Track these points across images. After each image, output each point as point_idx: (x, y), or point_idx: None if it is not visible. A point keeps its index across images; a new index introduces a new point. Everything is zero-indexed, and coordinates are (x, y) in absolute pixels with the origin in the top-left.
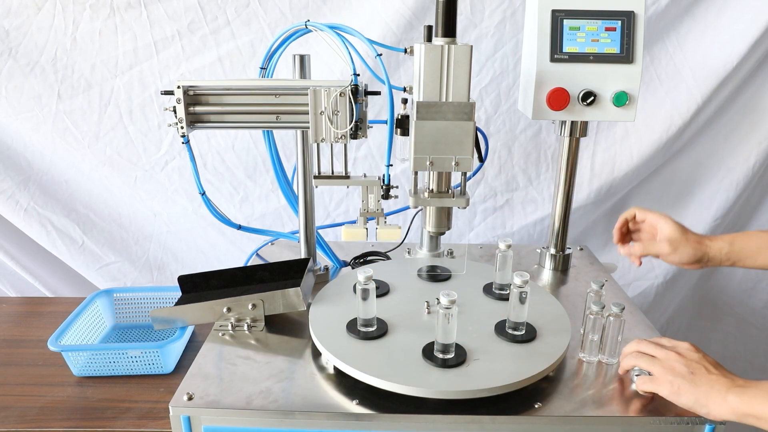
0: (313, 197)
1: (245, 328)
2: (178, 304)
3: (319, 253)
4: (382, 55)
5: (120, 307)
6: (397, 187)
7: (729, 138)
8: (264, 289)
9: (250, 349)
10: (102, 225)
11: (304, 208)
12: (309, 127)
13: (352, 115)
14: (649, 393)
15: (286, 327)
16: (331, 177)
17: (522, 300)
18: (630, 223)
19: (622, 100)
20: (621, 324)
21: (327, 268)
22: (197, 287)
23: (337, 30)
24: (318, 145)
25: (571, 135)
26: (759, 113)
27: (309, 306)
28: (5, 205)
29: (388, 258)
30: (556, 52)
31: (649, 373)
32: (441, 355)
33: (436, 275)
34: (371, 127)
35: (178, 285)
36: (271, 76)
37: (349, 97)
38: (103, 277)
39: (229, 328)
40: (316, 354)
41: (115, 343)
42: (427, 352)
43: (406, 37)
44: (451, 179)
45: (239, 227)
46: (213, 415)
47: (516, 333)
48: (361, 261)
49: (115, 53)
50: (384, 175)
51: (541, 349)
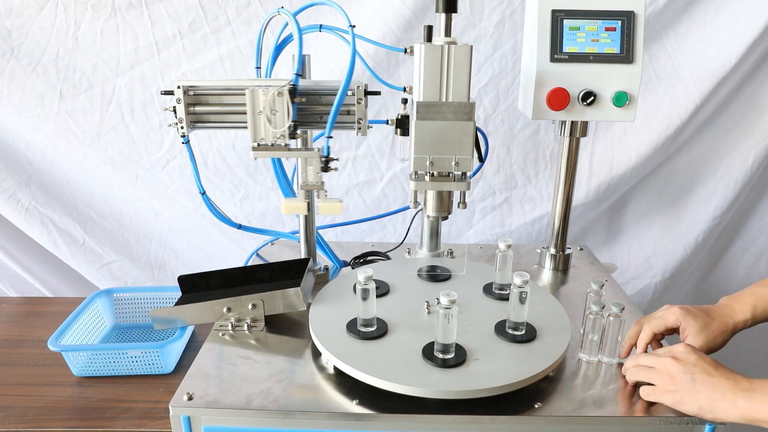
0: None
1: (245, 328)
2: (178, 304)
3: (319, 253)
4: (355, 27)
5: (120, 307)
6: (337, 159)
7: (727, 137)
8: (264, 289)
9: (250, 349)
10: (103, 224)
11: None
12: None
13: (290, 114)
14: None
15: (286, 327)
16: (271, 148)
17: (522, 300)
18: (650, 340)
19: (622, 100)
20: (621, 324)
21: (327, 268)
22: (197, 287)
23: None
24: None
25: (571, 135)
26: (757, 112)
27: (309, 306)
28: (6, 204)
29: (388, 258)
30: (556, 52)
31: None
32: (441, 355)
33: (436, 275)
34: (371, 127)
35: (178, 285)
36: (270, 76)
37: (287, 97)
38: (104, 275)
39: (229, 328)
40: (316, 354)
41: (115, 343)
42: (427, 352)
43: (405, 36)
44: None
45: (239, 227)
46: (213, 415)
47: (516, 333)
48: (361, 261)
49: (117, 53)
50: (324, 147)
51: (541, 349)
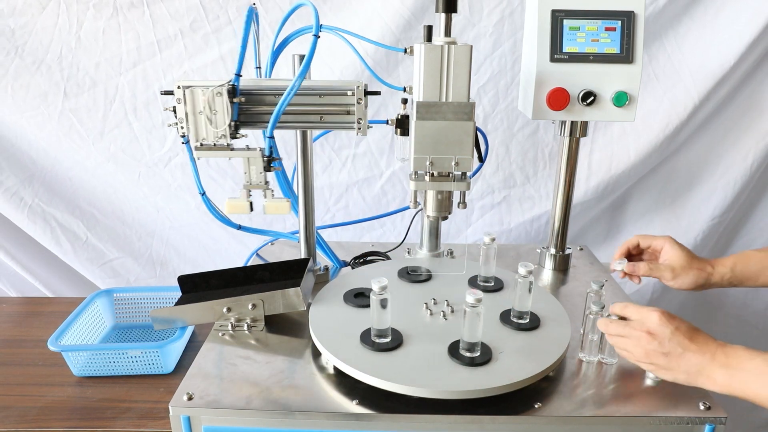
0: (313, 197)
1: (245, 328)
2: (178, 304)
3: (319, 253)
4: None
5: (120, 307)
6: (281, 159)
7: (727, 136)
8: (264, 289)
9: (250, 349)
10: (105, 221)
11: (304, 208)
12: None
13: (230, 114)
14: None
15: (286, 327)
16: (213, 148)
17: (529, 289)
18: (632, 249)
19: (622, 100)
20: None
21: (327, 268)
22: (197, 287)
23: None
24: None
25: (571, 135)
26: (757, 112)
27: (309, 306)
28: (9, 202)
29: (388, 258)
30: (556, 52)
31: None
32: (467, 353)
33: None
34: (371, 127)
35: (178, 285)
36: (270, 75)
37: (226, 97)
38: (107, 272)
39: (229, 328)
40: (316, 354)
41: (115, 343)
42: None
43: (404, 36)
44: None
45: (239, 227)
46: (213, 415)
47: (521, 321)
48: (361, 261)
49: (119, 51)
50: (265, 147)
51: (541, 349)
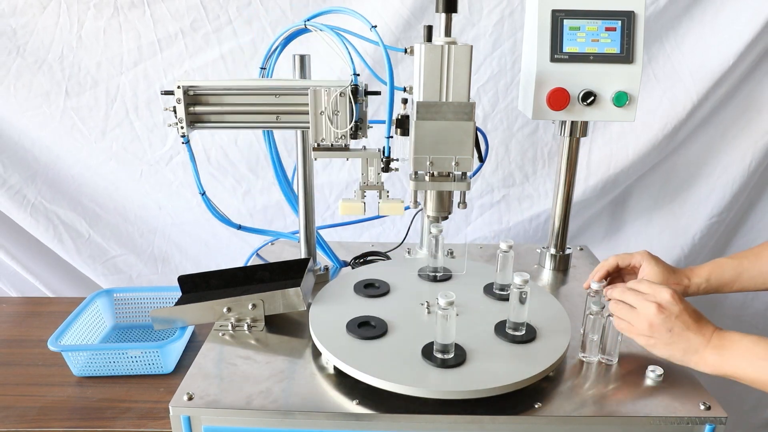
0: (313, 197)
1: (245, 328)
2: (178, 304)
3: (319, 253)
4: (376, 27)
5: (120, 307)
6: (397, 159)
7: (725, 136)
8: (264, 289)
9: (250, 349)
10: (108, 218)
11: (304, 208)
12: (309, 127)
13: (352, 115)
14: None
15: (286, 327)
16: (331, 149)
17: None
18: (611, 270)
19: (622, 100)
20: None
21: (327, 268)
22: (197, 287)
23: (337, 30)
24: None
25: (571, 135)
26: (755, 111)
27: (309, 306)
28: (13, 199)
29: (388, 258)
30: (556, 52)
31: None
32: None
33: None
34: (371, 127)
35: (178, 285)
36: (271, 76)
37: (349, 97)
38: (109, 270)
39: (229, 328)
40: (316, 354)
41: (115, 343)
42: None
43: (404, 36)
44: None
45: (239, 227)
46: (213, 415)
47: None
48: (361, 261)
49: (120, 51)
50: (384, 147)
51: (541, 349)
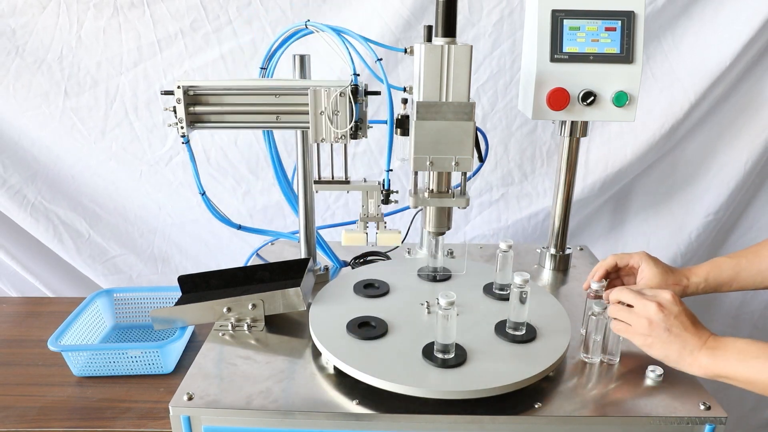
0: (313, 197)
1: (245, 328)
2: (178, 304)
3: (319, 253)
4: (382, 60)
5: (120, 307)
6: (397, 191)
7: (722, 135)
8: (264, 289)
9: (250, 349)
10: (108, 218)
11: (304, 208)
12: (309, 127)
13: (352, 115)
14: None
15: (286, 327)
16: (331, 182)
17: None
18: (610, 270)
19: (622, 100)
20: None
21: (327, 268)
22: (197, 287)
23: (338, 31)
24: (318, 147)
25: (570, 135)
26: (752, 110)
27: (309, 306)
28: (13, 200)
29: (388, 258)
30: (556, 52)
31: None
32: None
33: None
34: (371, 127)
35: (178, 285)
36: (272, 76)
37: (349, 97)
38: (109, 269)
39: (229, 328)
40: (316, 354)
41: (115, 343)
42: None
43: (404, 36)
44: (451, 179)
45: (239, 227)
46: (213, 415)
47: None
48: (361, 261)
49: (120, 51)
50: (384, 180)
51: (541, 349)
